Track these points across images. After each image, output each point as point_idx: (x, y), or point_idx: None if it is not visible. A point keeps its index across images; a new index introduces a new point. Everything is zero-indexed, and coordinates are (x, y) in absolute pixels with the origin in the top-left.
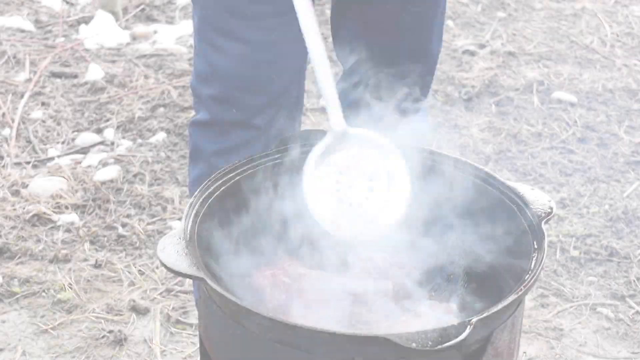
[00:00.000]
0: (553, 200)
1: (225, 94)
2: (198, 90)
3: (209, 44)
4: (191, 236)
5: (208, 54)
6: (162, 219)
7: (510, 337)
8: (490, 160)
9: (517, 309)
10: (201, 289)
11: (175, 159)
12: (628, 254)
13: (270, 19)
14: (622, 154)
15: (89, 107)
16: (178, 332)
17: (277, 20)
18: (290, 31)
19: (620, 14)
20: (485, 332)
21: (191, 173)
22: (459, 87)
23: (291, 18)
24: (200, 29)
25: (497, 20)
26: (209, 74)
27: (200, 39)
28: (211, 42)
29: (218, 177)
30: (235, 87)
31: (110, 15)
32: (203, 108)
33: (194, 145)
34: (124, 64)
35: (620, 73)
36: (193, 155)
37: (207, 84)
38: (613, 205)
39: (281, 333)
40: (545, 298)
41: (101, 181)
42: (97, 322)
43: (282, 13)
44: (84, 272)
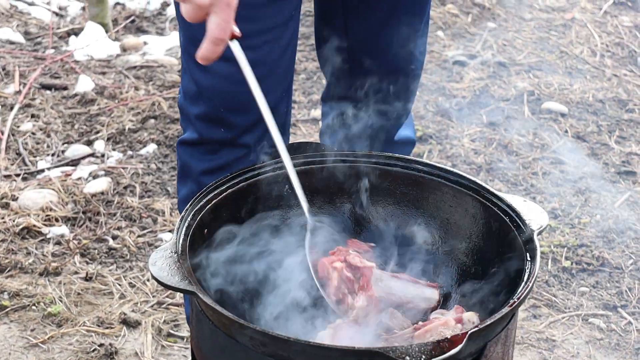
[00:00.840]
0: (545, 211)
1: (213, 113)
2: (185, 108)
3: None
4: (183, 250)
5: (195, 73)
6: (153, 231)
7: (503, 349)
8: (482, 171)
9: (511, 321)
10: (193, 302)
11: (166, 171)
12: (619, 264)
13: (257, 37)
14: (613, 164)
15: (79, 119)
16: (169, 345)
17: (263, 38)
18: (276, 49)
19: (609, 24)
20: (479, 344)
21: (180, 191)
22: (450, 98)
23: (277, 36)
24: (186, 47)
25: (488, 30)
26: (196, 93)
27: (187, 57)
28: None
29: (209, 190)
30: (222, 107)
31: (100, 27)
32: (191, 127)
33: (183, 164)
34: (114, 76)
35: (611, 83)
36: (182, 173)
37: (195, 103)
38: (604, 216)
39: (274, 347)
40: (537, 309)
41: (91, 193)
42: (87, 336)
43: (268, 31)
44: (75, 285)
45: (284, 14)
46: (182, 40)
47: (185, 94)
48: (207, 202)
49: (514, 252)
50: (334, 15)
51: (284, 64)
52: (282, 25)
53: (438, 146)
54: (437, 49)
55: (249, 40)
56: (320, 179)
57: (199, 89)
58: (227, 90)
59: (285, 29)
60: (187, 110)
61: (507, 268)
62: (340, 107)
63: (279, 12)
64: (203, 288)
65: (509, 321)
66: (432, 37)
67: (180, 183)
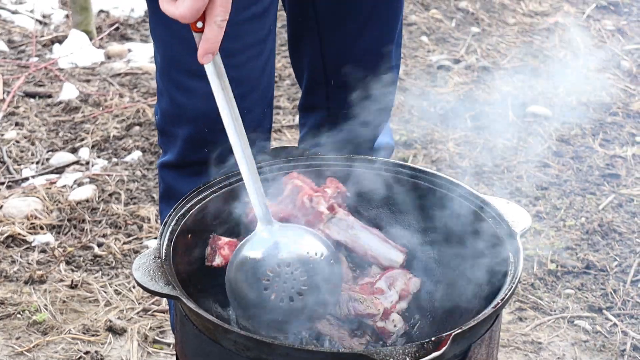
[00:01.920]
0: (529, 213)
1: (197, 135)
2: (166, 130)
3: (175, 84)
4: (166, 255)
5: (174, 95)
6: (139, 238)
7: (487, 351)
8: (467, 175)
9: (495, 322)
10: (177, 307)
11: (151, 178)
12: (604, 266)
13: (240, 54)
14: (597, 166)
15: (64, 127)
16: (155, 351)
17: (246, 55)
18: (258, 65)
19: (592, 28)
20: (462, 346)
21: (164, 213)
22: (435, 102)
23: (258, 51)
24: (164, 68)
25: (471, 35)
26: (177, 115)
27: (165, 78)
28: (177, 82)
29: (193, 195)
30: (206, 127)
31: (84, 35)
32: (172, 148)
33: (167, 187)
34: (99, 83)
35: (594, 86)
36: (166, 196)
37: (176, 125)
38: (589, 218)
39: (258, 351)
40: (523, 311)
41: (76, 201)
42: (73, 343)
43: (251, 46)
44: (60, 292)
45: (264, 29)
46: (160, 62)
47: (165, 116)
48: (191, 207)
49: (498, 254)
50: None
51: (265, 79)
52: (262, 41)
53: (423, 150)
54: (422, 54)
55: (233, 59)
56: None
57: (180, 111)
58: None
59: (265, 44)
60: (168, 132)
61: (491, 270)
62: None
63: (261, 27)
64: (187, 292)
65: (492, 323)
66: (417, 42)
67: (163, 204)
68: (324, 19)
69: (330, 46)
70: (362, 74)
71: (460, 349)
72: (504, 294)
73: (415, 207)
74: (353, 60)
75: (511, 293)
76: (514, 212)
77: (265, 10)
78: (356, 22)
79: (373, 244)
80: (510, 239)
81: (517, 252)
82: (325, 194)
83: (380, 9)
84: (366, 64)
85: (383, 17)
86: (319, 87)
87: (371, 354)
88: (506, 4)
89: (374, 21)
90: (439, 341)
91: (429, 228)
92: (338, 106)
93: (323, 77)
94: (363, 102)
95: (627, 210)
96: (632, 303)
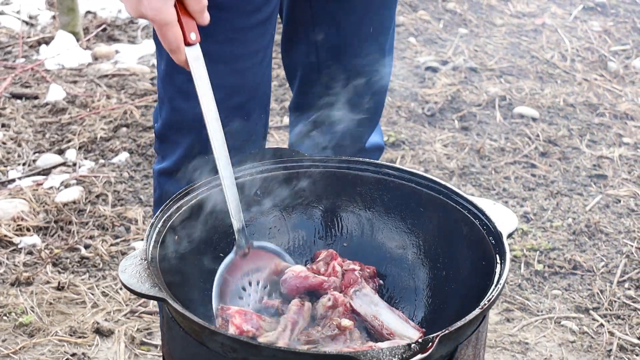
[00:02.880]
0: (516, 214)
1: (198, 141)
2: (166, 137)
3: (177, 90)
4: (153, 257)
5: (176, 101)
6: (126, 240)
7: (474, 352)
8: (454, 176)
9: (481, 323)
10: (164, 309)
11: (139, 179)
12: (591, 266)
13: (244, 61)
14: (584, 167)
15: (50, 128)
16: (143, 353)
17: (250, 63)
18: (259, 71)
19: (579, 29)
20: (449, 347)
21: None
22: (422, 103)
23: (260, 58)
24: (167, 74)
25: (459, 36)
26: (178, 122)
27: (168, 85)
28: (180, 88)
29: (180, 197)
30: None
31: (71, 36)
32: (170, 155)
33: (163, 193)
34: (86, 84)
35: (581, 87)
36: (162, 201)
37: (177, 132)
38: (576, 219)
39: (245, 352)
40: (510, 312)
41: (63, 202)
42: (60, 345)
43: (255, 53)
44: (47, 294)
45: (267, 35)
46: (164, 68)
47: (166, 123)
48: (177, 209)
49: (484, 255)
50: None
51: (263, 86)
52: (265, 47)
53: (411, 151)
54: (409, 55)
55: (237, 64)
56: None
57: (182, 118)
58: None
59: (267, 50)
60: (168, 138)
61: (478, 271)
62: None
63: (264, 33)
64: (174, 294)
65: (479, 324)
66: (404, 44)
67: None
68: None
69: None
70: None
71: (447, 350)
72: (491, 295)
73: (402, 208)
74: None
75: (497, 294)
76: (500, 214)
77: (269, 17)
78: (351, 24)
79: (392, 322)
80: (496, 241)
81: (503, 253)
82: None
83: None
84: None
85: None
86: (313, 87)
87: (358, 355)
88: (494, 5)
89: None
90: (426, 342)
91: (416, 229)
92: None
93: (316, 77)
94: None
95: (613, 211)
96: (619, 303)
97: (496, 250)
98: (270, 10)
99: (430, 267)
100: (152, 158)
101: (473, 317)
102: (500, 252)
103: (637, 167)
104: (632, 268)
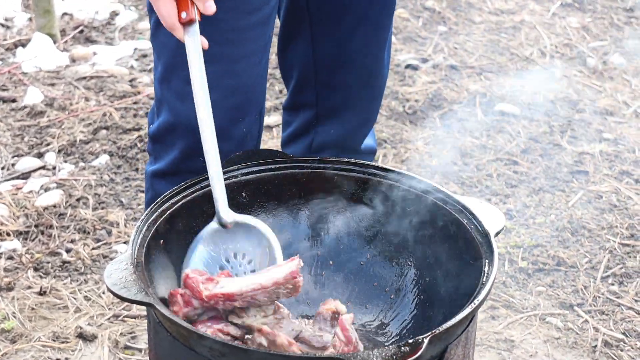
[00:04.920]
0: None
1: (195, 144)
2: (161, 139)
3: (174, 92)
4: (138, 261)
5: (173, 103)
6: (108, 243)
7: (464, 351)
8: (436, 174)
9: (471, 323)
10: (150, 314)
11: (119, 182)
12: (575, 262)
13: (242, 62)
14: (566, 163)
15: (29, 132)
16: (127, 357)
17: (247, 63)
18: (255, 73)
19: (558, 26)
20: (439, 348)
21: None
22: (403, 102)
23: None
24: (165, 76)
25: (438, 34)
26: (175, 125)
27: (165, 87)
28: (177, 90)
29: (164, 200)
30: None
31: (48, 38)
32: (165, 156)
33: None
34: (64, 87)
35: (561, 84)
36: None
37: (173, 134)
38: (559, 215)
39: (234, 357)
40: (495, 310)
41: (43, 206)
42: (43, 351)
43: (252, 54)
44: (28, 299)
45: (266, 35)
46: (161, 70)
47: (162, 125)
48: (162, 212)
49: (472, 254)
50: (301, 28)
51: (259, 87)
52: (263, 48)
53: (392, 150)
54: None
55: (235, 65)
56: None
57: (179, 120)
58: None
59: (264, 51)
60: (163, 140)
61: (465, 270)
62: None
63: (263, 34)
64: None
65: (469, 323)
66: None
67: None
68: (317, 18)
69: (322, 46)
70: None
71: (437, 351)
72: (480, 295)
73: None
74: (344, 61)
75: (487, 294)
76: (487, 212)
77: (268, 18)
78: (349, 23)
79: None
80: (484, 239)
81: (491, 252)
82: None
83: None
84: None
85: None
86: (309, 87)
87: (347, 357)
88: (472, 2)
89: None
90: (416, 343)
91: (403, 229)
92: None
93: (313, 77)
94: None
95: (596, 207)
96: (603, 299)
97: (484, 249)
98: (270, 10)
99: (417, 267)
100: (132, 160)
101: (463, 317)
102: (488, 250)
103: (617, 163)
104: (615, 263)
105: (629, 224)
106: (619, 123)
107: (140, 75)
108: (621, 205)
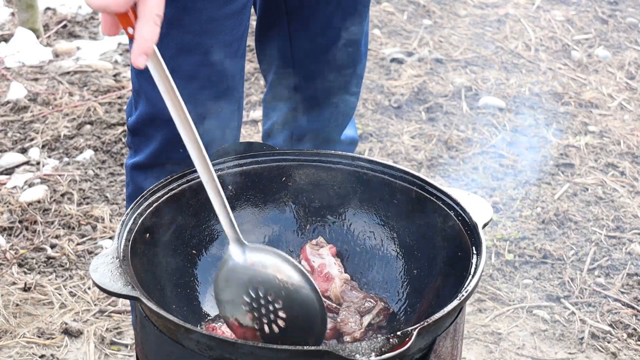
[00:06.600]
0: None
1: (172, 136)
2: (140, 131)
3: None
4: (124, 255)
5: (151, 94)
6: (93, 239)
7: (452, 343)
8: (423, 167)
9: (459, 315)
10: (137, 308)
11: (104, 177)
12: (561, 255)
13: (217, 53)
14: (551, 156)
15: (13, 127)
16: (113, 353)
17: (222, 54)
18: (234, 63)
19: (542, 19)
20: (427, 340)
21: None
22: (388, 95)
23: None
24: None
25: (423, 27)
26: (154, 116)
27: (142, 78)
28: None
29: (150, 193)
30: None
31: (31, 33)
32: (144, 149)
33: (138, 188)
34: (47, 82)
35: (546, 77)
36: (135, 196)
37: (152, 125)
38: (545, 208)
39: (221, 350)
40: (482, 302)
41: (27, 202)
42: (28, 347)
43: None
44: (13, 296)
45: (242, 26)
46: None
47: (140, 117)
48: (148, 205)
49: (460, 246)
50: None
51: (237, 77)
52: (239, 38)
53: (379, 144)
54: (374, 47)
55: (211, 55)
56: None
57: (157, 111)
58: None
59: (241, 42)
60: (142, 132)
61: (453, 262)
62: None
63: (239, 24)
64: (147, 292)
65: (457, 315)
66: (369, 36)
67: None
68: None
69: (299, 37)
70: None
71: (425, 343)
72: (468, 287)
73: (376, 200)
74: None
75: (475, 286)
76: (475, 204)
77: (244, 7)
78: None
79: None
80: (472, 231)
81: (479, 244)
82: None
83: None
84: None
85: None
86: (287, 79)
87: (336, 350)
88: None
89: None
90: (405, 335)
91: (391, 221)
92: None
93: (291, 69)
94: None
95: (582, 199)
96: (589, 291)
97: (472, 240)
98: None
99: (405, 259)
100: (117, 155)
101: (451, 309)
102: (476, 242)
103: (603, 155)
104: (602, 255)
105: (614, 216)
106: (604, 116)
107: (125, 70)
108: (607, 198)
